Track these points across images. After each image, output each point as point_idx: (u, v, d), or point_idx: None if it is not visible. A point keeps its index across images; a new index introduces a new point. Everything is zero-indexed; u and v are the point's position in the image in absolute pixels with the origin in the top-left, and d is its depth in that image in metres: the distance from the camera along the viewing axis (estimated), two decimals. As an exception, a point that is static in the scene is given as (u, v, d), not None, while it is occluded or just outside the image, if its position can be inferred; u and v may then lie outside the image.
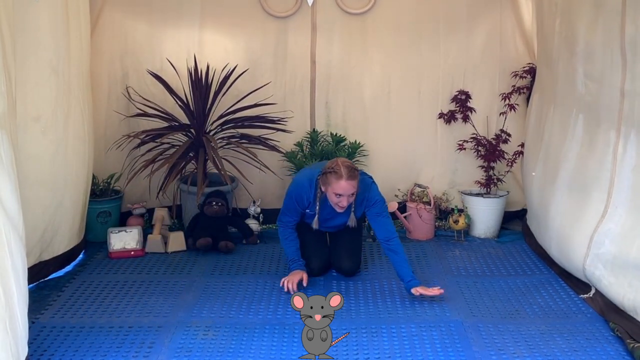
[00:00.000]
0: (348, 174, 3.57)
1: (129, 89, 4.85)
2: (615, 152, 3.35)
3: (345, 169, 3.58)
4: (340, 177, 3.57)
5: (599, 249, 3.42)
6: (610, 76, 3.36)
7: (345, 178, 3.56)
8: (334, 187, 3.60)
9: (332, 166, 3.62)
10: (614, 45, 3.29)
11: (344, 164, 3.61)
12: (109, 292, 3.81)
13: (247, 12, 4.92)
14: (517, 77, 4.85)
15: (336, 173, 3.58)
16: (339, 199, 3.63)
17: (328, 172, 3.61)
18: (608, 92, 3.40)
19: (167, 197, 4.91)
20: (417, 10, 4.90)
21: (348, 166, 3.61)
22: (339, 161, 3.65)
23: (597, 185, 3.49)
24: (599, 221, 3.44)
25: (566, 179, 3.84)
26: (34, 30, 3.49)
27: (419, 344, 3.19)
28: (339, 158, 3.74)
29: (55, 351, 3.09)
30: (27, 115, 3.50)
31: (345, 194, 3.61)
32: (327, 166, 3.65)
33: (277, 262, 4.32)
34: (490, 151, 4.86)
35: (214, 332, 3.31)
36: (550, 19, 4.17)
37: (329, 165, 3.64)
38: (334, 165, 3.61)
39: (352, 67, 4.99)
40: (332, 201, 3.68)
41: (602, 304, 3.48)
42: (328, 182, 3.62)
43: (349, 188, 3.60)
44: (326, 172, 3.62)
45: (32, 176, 3.61)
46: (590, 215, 3.53)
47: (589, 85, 3.60)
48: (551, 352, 3.10)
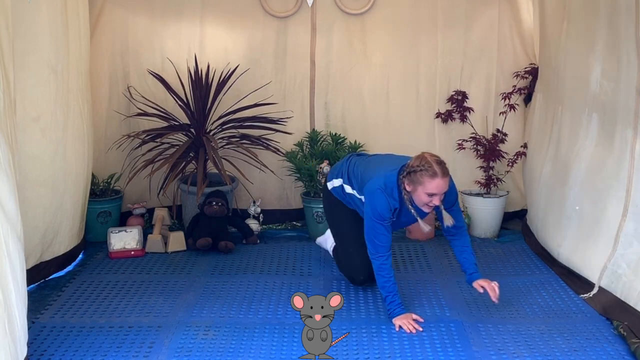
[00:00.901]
0: (442, 170, 3.25)
1: (130, 89, 4.85)
2: (633, 150, 3.35)
3: (438, 166, 3.25)
4: (435, 175, 3.23)
5: (626, 249, 3.42)
6: (627, 75, 3.37)
7: (440, 175, 3.23)
8: (427, 187, 3.24)
9: (421, 164, 3.26)
10: (630, 45, 3.30)
11: (435, 160, 3.27)
12: (109, 292, 3.81)
13: (248, 12, 4.93)
14: (519, 77, 4.85)
15: (429, 170, 3.23)
16: (432, 198, 3.28)
17: (418, 171, 3.25)
18: (624, 91, 3.41)
19: (167, 197, 4.91)
20: (415, 11, 4.91)
21: (439, 161, 3.28)
22: (427, 157, 3.29)
23: (615, 184, 3.49)
24: (621, 220, 3.44)
25: (580, 178, 3.82)
26: (33, 30, 3.49)
27: (419, 344, 3.19)
28: (425, 153, 3.36)
29: (55, 351, 3.09)
30: (26, 116, 3.50)
31: (440, 193, 3.28)
32: (414, 164, 3.29)
33: (277, 262, 4.32)
34: (489, 151, 4.86)
35: (214, 332, 3.31)
36: (555, 20, 4.17)
37: (417, 163, 3.28)
38: (424, 163, 3.26)
39: (351, 68, 4.99)
40: (422, 201, 3.30)
41: (605, 302, 3.48)
42: (419, 181, 3.26)
43: (444, 186, 3.27)
44: (415, 171, 3.26)
45: (32, 176, 3.61)
46: (611, 215, 3.52)
47: (604, 85, 3.59)
48: (551, 352, 3.10)
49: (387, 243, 3.40)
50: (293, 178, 4.97)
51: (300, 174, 4.83)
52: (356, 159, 3.80)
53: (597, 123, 3.69)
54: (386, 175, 3.41)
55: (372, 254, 3.42)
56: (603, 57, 3.60)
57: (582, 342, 3.20)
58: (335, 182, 3.82)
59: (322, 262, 4.33)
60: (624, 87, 3.40)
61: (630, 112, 3.37)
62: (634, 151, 3.35)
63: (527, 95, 4.91)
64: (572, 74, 3.95)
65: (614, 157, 3.50)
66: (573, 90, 3.95)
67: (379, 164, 3.58)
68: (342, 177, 3.77)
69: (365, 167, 3.65)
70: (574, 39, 3.91)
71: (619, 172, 3.47)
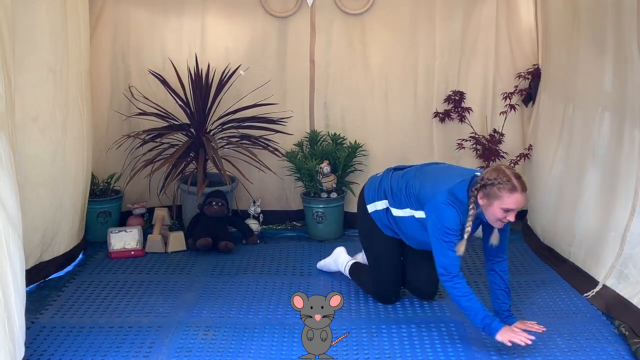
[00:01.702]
0: (521, 185, 3.03)
1: (132, 88, 4.85)
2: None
3: (517, 180, 3.03)
4: (514, 189, 3.00)
5: (633, 248, 3.42)
6: (632, 75, 3.37)
7: (520, 190, 3.01)
8: (505, 202, 3.01)
9: (498, 177, 3.02)
10: (633, 45, 3.30)
11: (513, 173, 3.05)
12: (109, 292, 3.81)
13: (248, 12, 4.93)
14: (521, 78, 4.86)
15: (507, 184, 3.00)
16: (507, 214, 3.05)
17: (496, 184, 3.01)
18: (631, 91, 3.41)
19: (167, 197, 4.91)
20: (414, 10, 4.91)
21: (517, 175, 3.06)
22: (505, 170, 3.07)
23: (625, 183, 3.49)
24: (629, 220, 3.44)
25: (596, 177, 3.81)
26: (32, 30, 3.49)
27: (419, 344, 3.19)
28: (501, 165, 3.18)
29: (55, 351, 3.09)
30: (25, 116, 3.50)
31: (517, 208, 3.06)
32: (490, 177, 3.04)
33: (277, 262, 4.32)
34: (488, 150, 4.85)
35: (214, 332, 3.31)
36: (564, 19, 4.16)
37: (493, 176, 3.04)
38: (502, 176, 3.03)
39: (350, 67, 4.99)
40: (496, 216, 3.06)
41: (609, 300, 3.48)
42: (495, 196, 3.02)
43: (523, 201, 3.06)
44: (492, 184, 3.02)
45: (32, 177, 3.61)
46: (620, 214, 3.53)
47: (616, 84, 3.59)
48: (551, 352, 3.10)
49: (458, 260, 3.12)
50: (293, 178, 4.97)
51: (300, 174, 4.83)
52: (401, 174, 3.50)
53: (609, 122, 3.69)
54: (454, 187, 3.15)
55: (442, 275, 3.14)
56: (613, 56, 3.60)
57: (582, 342, 3.20)
58: (379, 204, 3.53)
59: (322, 262, 4.33)
60: (631, 87, 3.40)
61: (636, 112, 3.37)
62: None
63: (527, 95, 4.91)
64: (584, 73, 3.94)
65: (624, 156, 3.51)
66: (585, 89, 3.94)
67: (440, 177, 3.31)
68: (387, 199, 3.49)
69: (422, 181, 3.34)
70: (586, 37, 3.90)
71: (628, 171, 3.47)
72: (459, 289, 3.11)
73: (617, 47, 3.54)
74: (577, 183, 4.00)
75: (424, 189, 3.27)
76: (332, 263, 4.09)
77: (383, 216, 3.52)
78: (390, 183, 3.48)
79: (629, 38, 3.36)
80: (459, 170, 3.39)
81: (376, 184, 3.58)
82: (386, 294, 3.66)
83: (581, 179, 3.95)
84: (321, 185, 4.76)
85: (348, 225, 4.97)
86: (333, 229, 4.82)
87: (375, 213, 3.55)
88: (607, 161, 3.70)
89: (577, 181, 4.00)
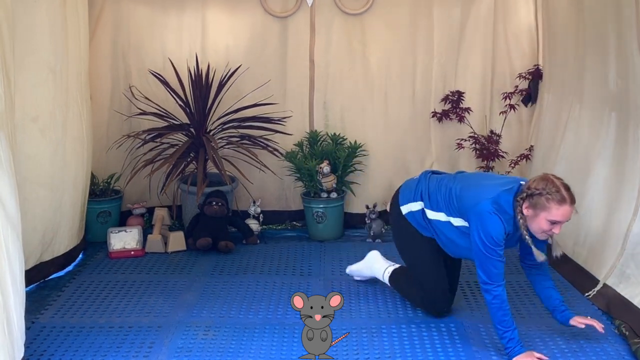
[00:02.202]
0: (571, 197, 2.89)
1: (132, 88, 4.85)
2: None
3: (566, 191, 2.89)
4: (563, 201, 2.87)
5: (635, 248, 3.41)
6: (634, 75, 3.37)
7: (569, 202, 2.88)
8: (553, 213, 2.88)
9: (547, 187, 2.89)
10: (634, 45, 3.30)
11: (562, 184, 2.91)
12: (109, 292, 3.81)
13: (248, 12, 4.93)
14: (521, 78, 4.86)
15: (556, 195, 2.87)
16: (553, 227, 2.92)
17: (544, 194, 2.88)
18: (633, 91, 3.41)
19: (167, 197, 4.91)
20: (413, 10, 4.91)
21: (566, 186, 2.92)
22: (554, 180, 2.92)
23: (628, 183, 3.49)
24: (632, 220, 3.44)
25: (602, 177, 3.81)
26: (32, 30, 3.49)
27: (419, 344, 3.19)
28: (549, 175, 2.99)
29: (55, 351, 3.09)
30: (25, 116, 3.50)
31: (564, 221, 2.93)
32: (537, 187, 2.91)
33: (277, 262, 4.32)
34: (489, 150, 4.85)
35: (214, 332, 3.31)
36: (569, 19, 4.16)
37: (541, 185, 2.91)
38: (550, 186, 2.89)
39: (350, 67, 4.99)
40: (541, 228, 2.93)
41: (610, 299, 3.48)
42: (543, 207, 2.89)
43: (570, 214, 2.92)
44: (540, 194, 2.89)
45: (32, 177, 3.61)
46: (623, 214, 3.53)
47: (619, 84, 3.59)
48: (551, 353, 3.10)
49: (502, 270, 3.02)
50: (293, 178, 4.97)
51: (300, 174, 4.83)
52: (439, 178, 3.38)
53: (615, 121, 3.68)
54: (499, 196, 3.01)
55: (484, 284, 3.02)
56: (616, 55, 3.60)
57: (582, 342, 3.20)
58: (413, 206, 3.37)
59: (322, 262, 4.33)
60: (633, 87, 3.40)
61: (639, 111, 3.37)
62: None
63: (527, 95, 4.91)
64: (591, 72, 3.94)
65: (629, 156, 3.51)
66: (592, 89, 3.94)
67: (483, 184, 3.16)
68: (422, 200, 3.34)
69: (464, 186, 3.20)
70: (590, 36, 3.90)
71: (632, 170, 3.47)
72: (499, 301, 3.00)
73: (619, 45, 3.54)
74: (583, 182, 4.00)
75: (466, 195, 3.12)
76: (365, 269, 3.84)
77: (419, 217, 3.36)
78: (428, 185, 3.35)
79: (629, 36, 3.36)
80: (502, 178, 3.26)
81: (412, 186, 3.43)
82: (436, 304, 3.41)
83: (585, 179, 3.95)
84: (321, 185, 4.76)
85: (348, 226, 4.98)
86: (333, 229, 4.82)
87: (410, 214, 3.39)
88: (612, 161, 3.70)
89: (582, 181, 4.00)
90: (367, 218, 4.78)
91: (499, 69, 4.98)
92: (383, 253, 3.95)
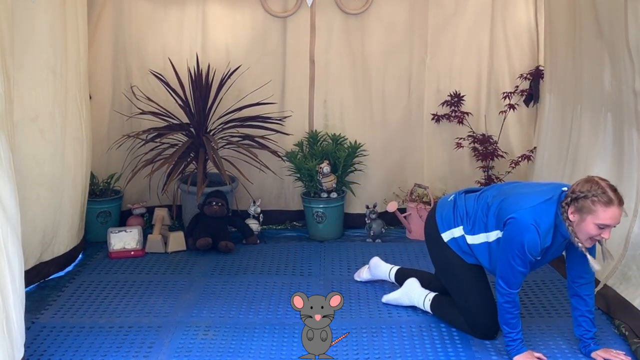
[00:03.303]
0: (618, 198, 2.76)
1: (134, 88, 4.85)
2: (639, 150, 3.36)
3: (613, 192, 2.76)
4: (610, 203, 2.74)
5: (636, 250, 3.41)
6: (625, 76, 3.37)
7: (617, 204, 2.75)
8: (601, 216, 2.74)
9: (592, 189, 2.77)
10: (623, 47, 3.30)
11: (608, 185, 2.79)
12: (109, 292, 3.81)
13: (248, 12, 4.92)
14: (522, 78, 4.86)
15: (602, 197, 2.74)
16: (602, 231, 2.78)
17: (590, 197, 2.76)
18: (625, 92, 3.41)
19: (167, 196, 4.91)
20: (412, 10, 4.91)
21: (612, 187, 2.79)
22: (599, 181, 2.80)
23: (626, 184, 3.49)
24: (632, 221, 3.43)
25: None
26: (32, 30, 3.49)
27: (419, 344, 3.19)
28: (594, 176, 2.85)
29: (55, 351, 3.09)
30: (25, 116, 3.50)
31: (614, 225, 2.79)
32: (582, 189, 2.79)
33: (277, 262, 4.32)
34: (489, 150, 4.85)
35: (214, 332, 3.31)
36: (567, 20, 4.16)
37: (586, 188, 2.78)
38: (596, 188, 2.77)
39: (349, 67, 4.99)
40: (589, 233, 2.79)
41: (610, 300, 3.48)
42: (589, 210, 2.76)
43: (619, 217, 2.78)
44: (586, 197, 2.77)
45: (31, 177, 3.61)
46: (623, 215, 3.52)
47: (614, 85, 3.59)
48: (551, 352, 3.10)
49: (521, 280, 2.99)
50: (293, 178, 4.97)
51: (300, 174, 4.83)
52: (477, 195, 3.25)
53: (611, 122, 3.68)
54: (540, 206, 2.90)
55: (501, 288, 2.99)
56: (609, 56, 3.60)
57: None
58: (456, 232, 3.24)
59: (322, 262, 4.33)
60: (625, 88, 3.41)
61: (631, 113, 3.37)
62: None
63: (529, 95, 4.91)
64: (588, 73, 3.94)
65: (626, 156, 3.51)
66: (590, 90, 3.94)
67: (524, 193, 3.03)
68: (462, 224, 3.21)
69: (503, 199, 3.06)
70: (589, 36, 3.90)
71: (629, 171, 3.47)
72: (510, 304, 2.98)
73: (612, 47, 3.54)
74: None
75: (506, 206, 3.00)
76: (402, 297, 3.63)
77: (462, 244, 3.22)
78: (466, 205, 3.22)
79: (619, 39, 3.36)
80: (543, 185, 3.12)
81: (450, 208, 3.28)
82: (486, 331, 3.25)
83: None
84: (321, 185, 4.76)
85: (348, 226, 4.97)
86: (333, 229, 4.82)
87: (453, 241, 3.25)
88: (610, 162, 3.70)
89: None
90: (367, 218, 4.78)
91: (501, 68, 4.96)
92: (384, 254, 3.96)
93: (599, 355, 3.02)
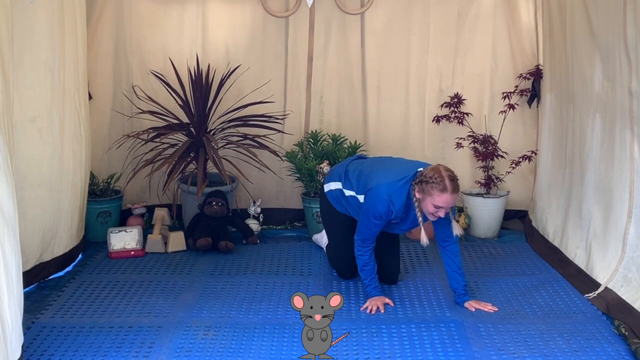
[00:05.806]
0: (453, 186, 3.36)
1: (135, 88, 4.86)
2: (632, 151, 3.36)
3: (450, 182, 3.35)
4: (444, 190, 3.34)
5: (634, 252, 3.41)
6: (620, 76, 3.37)
7: (450, 191, 3.35)
8: (436, 200, 3.36)
9: (433, 176, 3.37)
10: (621, 45, 3.29)
11: (448, 175, 3.37)
12: (109, 292, 3.81)
13: (248, 13, 4.93)
14: (521, 78, 4.86)
15: (440, 184, 3.34)
16: (437, 210, 3.40)
17: (430, 182, 3.36)
18: (619, 92, 3.41)
19: (167, 196, 4.92)
20: (411, 10, 4.92)
21: (452, 177, 3.38)
22: (442, 172, 3.39)
23: (620, 185, 3.49)
24: (627, 222, 3.43)
25: (593, 179, 3.82)
26: (30, 30, 3.48)
27: (419, 344, 3.19)
28: (440, 166, 3.46)
29: (55, 351, 3.09)
30: (23, 116, 3.49)
31: (446, 207, 3.40)
32: (428, 175, 3.40)
33: (277, 262, 4.32)
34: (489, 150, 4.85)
35: (214, 332, 3.30)
36: (561, 19, 4.16)
37: (431, 174, 3.39)
38: (437, 176, 3.37)
39: (349, 67, 4.99)
40: (428, 211, 3.43)
41: (610, 301, 3.48)
42: (428, 193, 3.38)
43: (452, 202, 3.40)
44: (428, 182, 3.38)
45: (30, 177, 3.61)
46: (618, 216, 3.52)
47: (605, 85, 3.59)
48: (551, 352, 3.09)
49: (375, 237, 3.63)
50: (293, 178, 4.97)
51: (301, 174, 4.83)
52: (358, 162, 3.89)
53: (600, 123, 3.69)
54: (396, 182, 3.52)
55: (358, 243, 3.65)
56: (601, 57, 3.60)
57: (582, 342, 3.19)
58: (333, 185, 3.88)
59: (322, 262, 4.33)
60: (619, 88, 3.40)
61: (625, 114, 3.37)
62: (633, 152, 3.35)
63: (531, 95, 4.90)
64: (579, 73, 3.95)
65: (618, 157, 3.50)
66: (580, 90, 3.95)
67: (389, 168, 3.67)
68: (340, 181, 3.82)
69: (371, 168, 3.72)
70: (579, 36, 3.90)
71: (622, 173, 3.46)
72: (364, 256, 3.63)
73: (606, 47, 3.54)
74: (580, 185, 4.00)
75: (371, 179, 3.62)
76: (319, 239, 4.51)
77: (337, 195, 3.85)
78: (346, 169, 3.82)
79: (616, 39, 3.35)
80: (408, 164, 3.68)
81: (335, 169, 3.98)
82: (341, 269, 4.02)
83: (581, 181, 3.95)
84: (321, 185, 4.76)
85: (348, 225, 4.98)
86: (333, 228, 4.82)
87: (330, 193, 3.89)
88: (601, 163, 3.70)
89: (580, 184, 4.00)
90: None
91: (500, 68, 4.97)
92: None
93: (470, 304, 3.57)
